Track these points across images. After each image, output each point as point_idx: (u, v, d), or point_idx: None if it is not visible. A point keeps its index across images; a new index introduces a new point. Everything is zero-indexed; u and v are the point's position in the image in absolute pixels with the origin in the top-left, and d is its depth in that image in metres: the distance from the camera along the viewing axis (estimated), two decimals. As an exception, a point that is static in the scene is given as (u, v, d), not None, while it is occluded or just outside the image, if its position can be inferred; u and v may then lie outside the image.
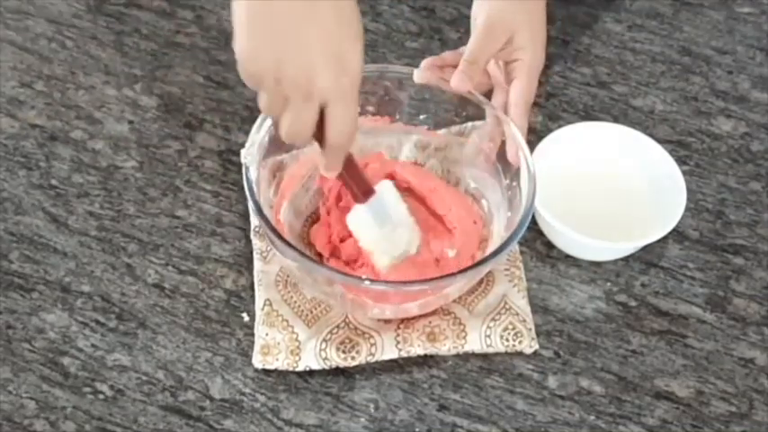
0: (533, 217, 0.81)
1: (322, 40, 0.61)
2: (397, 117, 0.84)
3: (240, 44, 0.62)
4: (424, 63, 0.83)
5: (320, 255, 0.80)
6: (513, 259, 0.82)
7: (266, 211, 0.74)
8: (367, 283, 0.72)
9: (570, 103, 0.94)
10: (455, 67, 0.80)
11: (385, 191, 0.76)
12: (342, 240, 0.79)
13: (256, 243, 0.82)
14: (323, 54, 0.61)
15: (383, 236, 0.75)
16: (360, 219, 0.75)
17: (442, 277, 0.74)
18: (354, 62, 0.63)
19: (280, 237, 0.71)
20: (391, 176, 0.81)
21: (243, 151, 0.76)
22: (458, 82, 0.79)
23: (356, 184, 0.73)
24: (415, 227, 0.78)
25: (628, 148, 0.86)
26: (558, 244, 0.84)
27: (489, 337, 0.77)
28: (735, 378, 0.78)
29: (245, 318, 0.79)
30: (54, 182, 0.87)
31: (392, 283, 0.75)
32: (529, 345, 0.78)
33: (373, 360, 0.76)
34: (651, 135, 0.86)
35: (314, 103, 0.63)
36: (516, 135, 0.78)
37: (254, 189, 0.73)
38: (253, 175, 0.74)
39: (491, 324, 0.78)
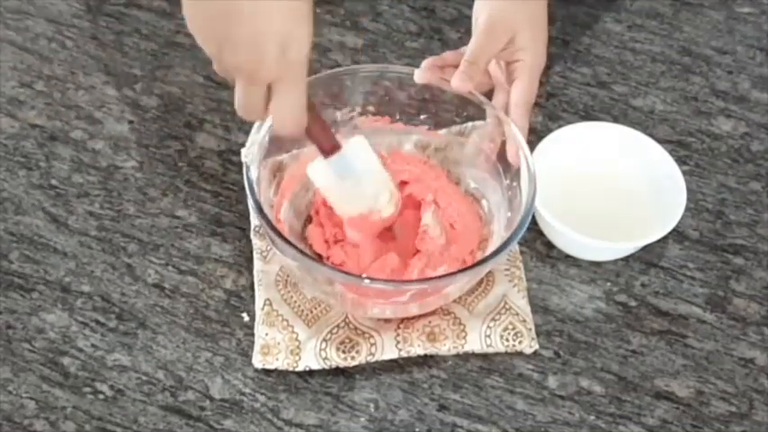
0: (533, 217, 0.81)
1: (267, 24, 0.59)
2: (397, 117, 0.84)
3: (185, 13, 0.61)
4: (425, 63, 0.83)
5: (319, 255, 0.80)
6: (513, 259, 0.82)
7: (266, 210, 0.74)
8: (367, 282, 0.72)
9: (570, 103, 0.94)
10: (456, 67, 0.80)
11: (353, 145, 0.75)
12: (336, 242, 0.80)
13: (256, 243, 0.82)
14: (268, 38, 0.59)
15: (345, 189, 0.75)
16: (319, 171, 0.75)
17: (441, 276, 0.74)
18: (301, 46, 0.61)
19: (280, 236, 0.71)
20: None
21: (243, 150, 0.77)
22: (458, 82, 0.79)
23: (319, 139, 0.72)
24: (388, 182, 0.77)
25: (628, 148, 0.86)
26: (558, 244, 0.84)
27: (489, 337, 0.77)
28: (735, 378, 0.78)
29: (245, 318, 0.79)
30: (54, 182, 0.87)
31: (391, 281, 0.75)
32: (529, 345, 0.78)
33: (373, 360, 0.76)
34: (651, 135, 0.86)
35: (260, 85, 0.62)
36: (516, 135, 0.78)
37: (255, 188, 0.73)
38: (253, 174, 0.74)
39: (491, 324, 0.78)
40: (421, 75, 0.81)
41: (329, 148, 0.73)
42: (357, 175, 0.75)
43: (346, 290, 0.74)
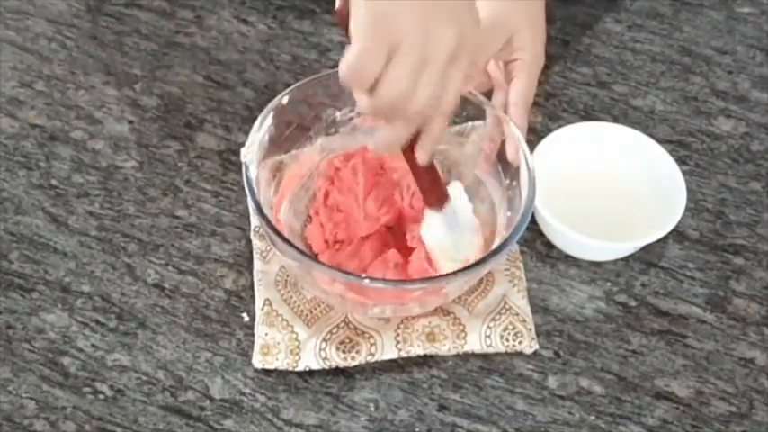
0: (533, 217, 0.81)
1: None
2: (398, 117, 0.84)
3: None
4: None
5: (318, 255, 0.80)
6: (513, 259, 0.82)
7: (266, 210, 0.73)
8: (367, 281, 0.71)
9: (570, 103, 0.94)
10: None
11: (456, 194, 0.76)
12: (336, 242, 0.80)
13: (256, 243, 0.82)
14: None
15: (452, 242, 0.75)
16: (433, 228, 0.75)
17: (441, 276, 0.74)
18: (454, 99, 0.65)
19: (280, 235, 0.71)
20: (382, 167, 0.82)
21: (243, 150, 0.76)
22: (457, 83, 0.79)
23: (433, 190, 0.73)
24: (479, 230, 0.78)
25: (628, 148, 0.86)
26: (558, 244, 0.84)
27: (489, 337, 0.77)
28: (735, 378, 0.78)
29: (245, 318, 0.79)
30: (54, 182, 0.87)
31: (391, 281, 0.75)
32: (529, 345, 0.78)
33: (373, 360, 0.76)
34: (651, 135, 0.86)
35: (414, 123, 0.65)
36: (516, 134, 0.78)
37: (254, 188, 0.73)
38: (253, 174, 0.74)
39: (491, 324, 0.78)
40: None
41: (443, 199, 0.74)
42: (461, 225, 0.76)
43: (346, 290, 0.74)
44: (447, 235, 0.75)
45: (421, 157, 0.68)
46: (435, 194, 0.73)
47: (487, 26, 0.80)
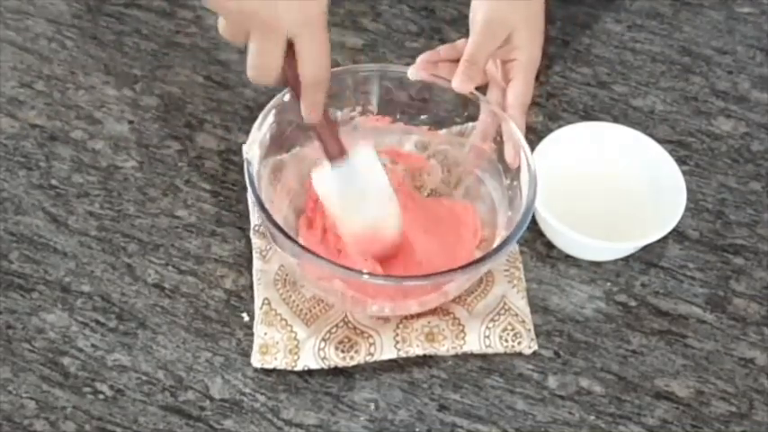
0: (533, 217, 0.81)
1: None
2: (398, 117, 0.84)
3: None
4: (419, 60, 0.83)
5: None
6: (513, 260, 0.82)
7: (267, 206, 0.73)
8: (366, 277, 0.71)
9: (570, 103, 0.94)
10: (451, 61, 0.80)
11: (361, 155, 0.75)
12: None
13: (256, 242, 0.82)
14: None
15: (348, 201, 0.75)
16: (325, 180, 0.75)
17: (440, 273, 0.74)
18: None
19: (281, 230, 0.71)
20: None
21: (245, 146, 0.76)
22: (459, 84, 0.79)
23: (326, 140, 0.72)
24: (393, 200, 0.76)
25: (628, 148, 0.86)
26: (558, 244, 0.84)
27: (488, 337, 0.77)
28: (735, 378, 0.78)
29: (245, 318, 0.79)
30: (54, 182, 0.87)
31: (391, 277, 0.75)
32: (528, 346, 0.78)
33: (372, 360, 0.76)
34: (651, 135, 0.86)
35: (279, 35, 0.62)
36: (516, 134, 0.78)
37: (256, 183, 0.73)
38: (254, 170, 0.74)
39: (490, 325, 0.78)
40: (414, 73, 0.81)
41: (335, 153, 0.73)
42: (362, 187, 0.75)
43: (346, 286, 0.74)
44: (341, 192, 0.74)
45: (307, 115, 0.68)
46: (330, 144, 0.73)
47: (485, 24, 0.80)
